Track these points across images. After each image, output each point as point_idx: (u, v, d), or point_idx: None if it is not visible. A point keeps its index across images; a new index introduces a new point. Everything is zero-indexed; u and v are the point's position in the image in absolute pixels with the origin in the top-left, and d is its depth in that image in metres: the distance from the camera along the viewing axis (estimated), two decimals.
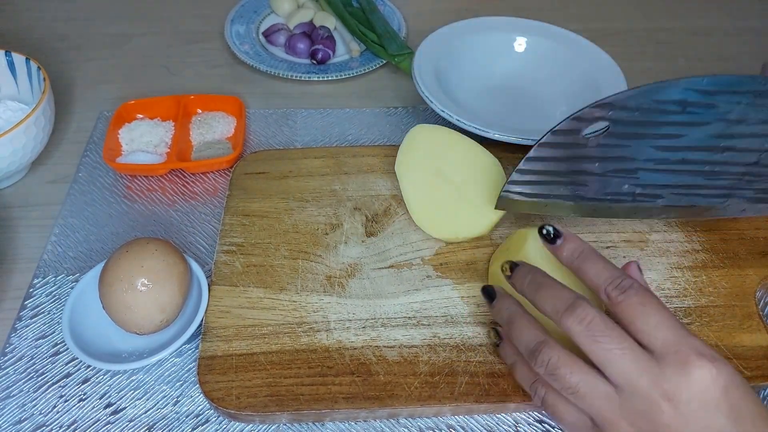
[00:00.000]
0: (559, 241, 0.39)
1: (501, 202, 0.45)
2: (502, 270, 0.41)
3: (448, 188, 0.49)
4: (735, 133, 0.43)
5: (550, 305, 0.36)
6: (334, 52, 0.71)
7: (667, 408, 0.32)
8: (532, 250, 0.42)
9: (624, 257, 0.49)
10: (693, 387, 0.32)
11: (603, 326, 0.34)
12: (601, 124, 0.42)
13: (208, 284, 0.46)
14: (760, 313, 0.45)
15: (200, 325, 0.44)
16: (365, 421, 0.41)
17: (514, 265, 0.40)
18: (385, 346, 0.43)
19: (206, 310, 0.44)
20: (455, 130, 0.53)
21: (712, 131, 0.43)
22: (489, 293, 0.42)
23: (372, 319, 0.44)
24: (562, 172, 0.44)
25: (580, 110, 0.41)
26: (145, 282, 0.41)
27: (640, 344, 0.34)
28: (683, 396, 0.32)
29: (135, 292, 0.41)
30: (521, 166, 0.43)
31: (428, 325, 0.44)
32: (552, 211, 0.46)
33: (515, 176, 0.44)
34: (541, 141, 0.42)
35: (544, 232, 0.40)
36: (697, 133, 0.43)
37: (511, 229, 0.50)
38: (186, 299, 0.44)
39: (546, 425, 0.41)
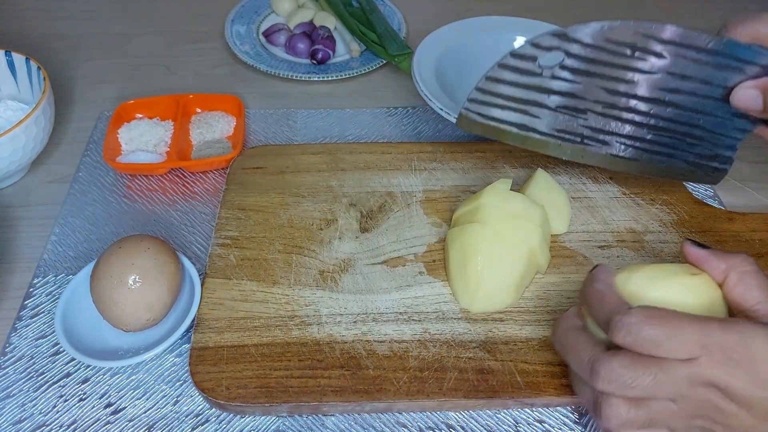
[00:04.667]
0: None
1: (460, 120, 0.48)
2: None
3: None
4: (680, 88, 0.44)
5: (576, 367, 0.36)
6: (334, 52, 0.71)
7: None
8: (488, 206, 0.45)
9: (618, 257, 0.49)
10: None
11: (628, 372, 0.33)
12: (557, 56, 0.44)
13: (202, 281, 0.46)
14: None
15: (192, 324, 0.44)
16: (359, 414, 0.42)
17: None
18: (375, 341, 0.43)
19: (199, 302, 0.45)
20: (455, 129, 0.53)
21: (659, 83, 0.44)
22: None
23: (363, 313, 0.45)
24: (517, 98, 0.46)
25: (538, 35, 0.44)
26: (135, 279, 0.41)
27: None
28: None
29: (123, 288, 0.41)
30: (480, 84, 0.46)
31: (419, 320, 0.44)
32: (505, 139, 0.48)
33: (474, 94, 0.46)
34: (500, 62, 0.45)
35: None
36: (644, 82, 0.44)
37: None
38: (176, 299, 0.44)
39: (546, 425, 0.41)
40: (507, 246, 0.44)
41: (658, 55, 0.43)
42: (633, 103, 0.45)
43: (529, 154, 0.56)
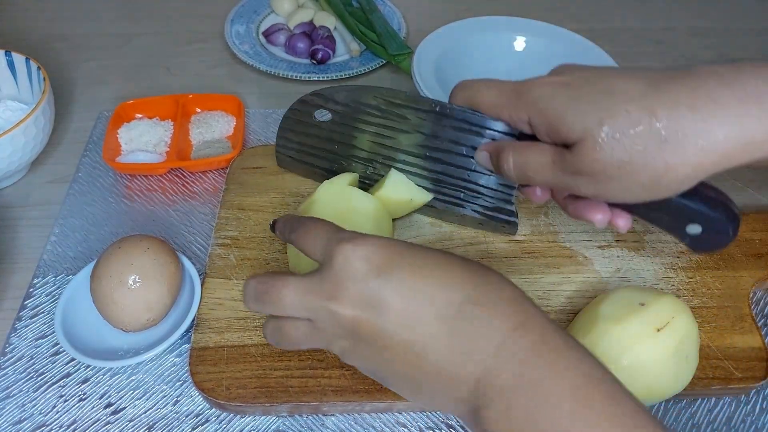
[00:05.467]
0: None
1: (278, 160, 0.54)
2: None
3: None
4: (439, 148, 0.46)
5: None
6: (334, 52, 0.71)
7: (335, 307, 0.32)
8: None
9: (618, 257, 0.49)
10: (339, 273, 0.32)
11: (267, 286, 0.34)
12: (325, 113, 0.49)
13: (201, 281, 0.46)
14: (753, 314, 0.45)
15: (191, 324, 0.44)
16: (359, 414, 0.42)
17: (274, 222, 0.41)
18: None
19: (199, 302, 0.45)
20: None
21: (415, 140, 0.46)
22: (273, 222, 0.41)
23: None
24: (312, 146, 0.51)
25: (304, 95, 0.49)
26: (135, 279, 0.41)
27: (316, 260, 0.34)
28: (338, 287, 0.32)
29: (123, 288, 0.41)
30: (279, 132, 0.52)
31: None
32: (324, 178, 0.49)
33: (278, 140, 0.52)
34: (285, 113, 0.51)
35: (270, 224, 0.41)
36: (406, 140, 0.47)
37: None
38: (176, 299, 0.44)
39: None
40: None
41: (401, 117, 0.46)
42: (404, 156, 0.48)
43: None
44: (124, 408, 0.42)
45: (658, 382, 0.38)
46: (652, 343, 0.38)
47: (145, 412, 0.42)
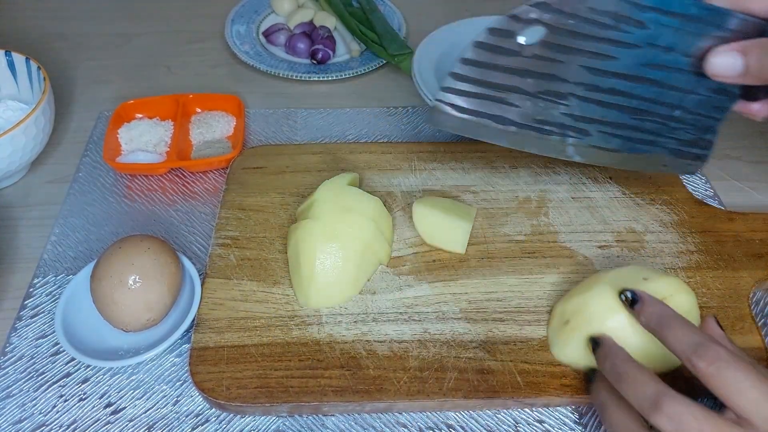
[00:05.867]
0: (637, 306, 0.38)
1: (433, 115, 0.44)
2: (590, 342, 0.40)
3: None
4: (663, 64, 0.43)
5: (633, 398, 0.35)
6: (334, 52, 0.71)
7: None
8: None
9: (618, 257, 0.49)
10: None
11: (694, 422, 0.32)
12: (537, 32, 0.41)
13: (202, 281, 0.46)
14: (753, 314, 0.45)
15: (192, 324, 0.44)
16: (359, 414, 0.42)
17: (596, 344, 0.39)
18: (375, 341, 0.43)
19: (200, 302, 0.45)
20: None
21: (642, 58, 0.43)
22: (595, 341, 0.40)
23: (363, 313, 0.45)
24: (494, 85, 0.43)
25: (516, 8, 0.41)
26: (136, 279, 0.41)
27: (736, 414, 0.32)
28: None
29: (123, 288, 0.41)
30: (455, 69, 0.43)
31: (419, 320, 0.44)
32: (481, 134, 0.45)
33: (448, 81, 0.43)
34: (476, 40, 0.42)
35: (623, 297, 0.39)
36: (627, 58, 0.43)
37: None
38: (176, 299, 0.44)
39: (546, 425, 0.41)
40: (339, 241, 0.44)
41: (641, 25, 0.42)
42: (615, 82, 0.44)
43: (529, 153, 0.56)
44: (124, 408, 0.42)
45: (646, 352, 0.39)
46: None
47: (145, 412, 0.42)
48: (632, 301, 0.38)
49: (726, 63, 0.40)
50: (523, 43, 0.42)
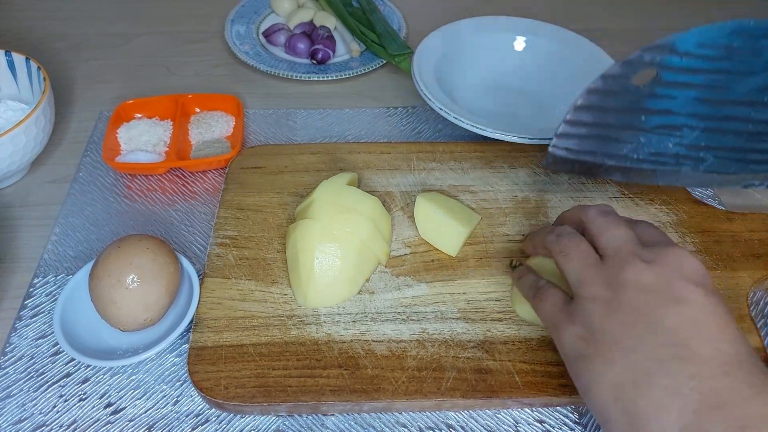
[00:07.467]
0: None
1: (549, 159, 0.45)
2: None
3: None
4: None
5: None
6: (334, 52, 0.71)
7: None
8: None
9: None
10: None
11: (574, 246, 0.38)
12: (649, 73, 0.42)
13: (200, 280, 0.46)
14: (752, 315, 0.45)
15: (190, 323, 0.44)
16: (359, 414, 0.42)
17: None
18: (373, 341, 0.43)
19: (198, 302, 0.45)
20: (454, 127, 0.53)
21: (758, 83, 0.42)
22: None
23: (362, 313, 0.45)
24: (608, 125, 0.43)
25: (629, 55, 0.41)
26: (134, 279, 0.41)
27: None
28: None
29: (122, 288, 0.41)
30: (570, 116, 0.43)
31: (417, 320, 0.44)
32: (596, 174, 0.45)
33: (564, 128, 0.43)
34: (590, 87, 0.42)
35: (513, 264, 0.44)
36: (741, 85, 0.42)
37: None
38: (174, 299, 0.44)
39: (546, 425, 0.41)
40: (337, 241, 0.44)
41: (756, 52, 0.41)
42: (730, 110, 0.43)
43: (528, 153, 0.56)
44: (124, 408, 0.42)
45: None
46: None
47: (145, 412, 0.42)
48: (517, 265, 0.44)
49: None
50: (637, 84, 0.42)
